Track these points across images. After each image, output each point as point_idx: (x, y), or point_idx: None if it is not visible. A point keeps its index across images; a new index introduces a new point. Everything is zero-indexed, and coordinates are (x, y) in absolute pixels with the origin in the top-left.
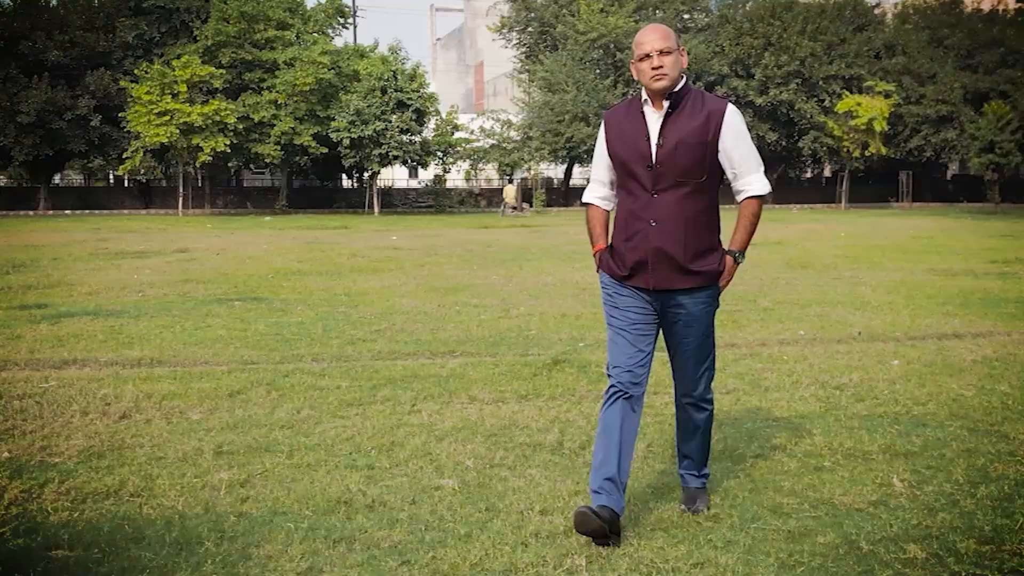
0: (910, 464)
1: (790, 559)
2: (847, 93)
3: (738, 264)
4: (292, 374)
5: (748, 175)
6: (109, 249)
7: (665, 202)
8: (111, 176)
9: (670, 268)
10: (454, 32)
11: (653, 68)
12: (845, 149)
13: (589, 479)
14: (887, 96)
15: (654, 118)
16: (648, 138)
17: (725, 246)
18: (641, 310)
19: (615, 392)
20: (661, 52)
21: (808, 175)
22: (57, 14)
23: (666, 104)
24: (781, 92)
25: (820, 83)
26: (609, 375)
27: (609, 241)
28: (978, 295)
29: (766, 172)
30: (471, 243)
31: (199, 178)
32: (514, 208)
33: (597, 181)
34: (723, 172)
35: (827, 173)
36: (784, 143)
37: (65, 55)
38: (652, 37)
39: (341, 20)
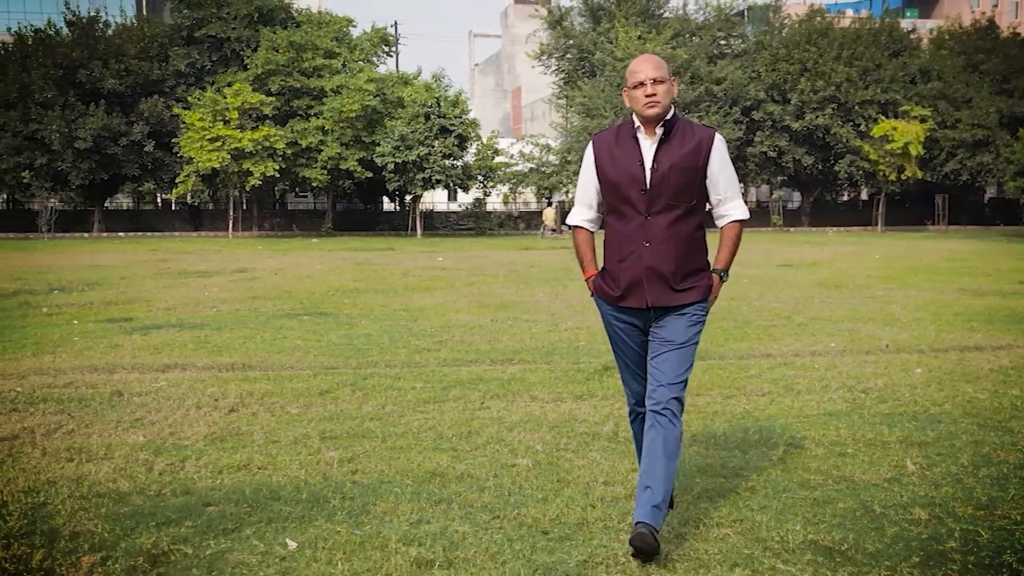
0: (923, 451)
1: (814, 518)
2: (883, 118)
3: (723, 282)
4: (371, 377)
5: (731, 201)
6: (172, 269)
7: (658, 224)
8: (159, 199)
9: (663, 286)
10: (492, 58)
11: (647, 96)
12: (881, 173)
13: (637, 488)
14: (923, 120)
15: (647, 144)
16: (642, 163)
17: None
18: (638, 339)
19: (633, 414)
20: (655, 81)
21: (845, 198)
22: (113, 43)
23: (659, 131)
24: (817, 117)
25: (856, 108)
26: (627, 401)
27: (600, 265)
28: (1003, 312)
29: (803, 195)
30: (515, 264)
31: (245, 201)
32: (553, 230)
33: (584, 204)
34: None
35: (864, 196)
36: (820, 167)
37: (120, 83)
38: (646, 66)
39: (385, 48)
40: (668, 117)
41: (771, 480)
